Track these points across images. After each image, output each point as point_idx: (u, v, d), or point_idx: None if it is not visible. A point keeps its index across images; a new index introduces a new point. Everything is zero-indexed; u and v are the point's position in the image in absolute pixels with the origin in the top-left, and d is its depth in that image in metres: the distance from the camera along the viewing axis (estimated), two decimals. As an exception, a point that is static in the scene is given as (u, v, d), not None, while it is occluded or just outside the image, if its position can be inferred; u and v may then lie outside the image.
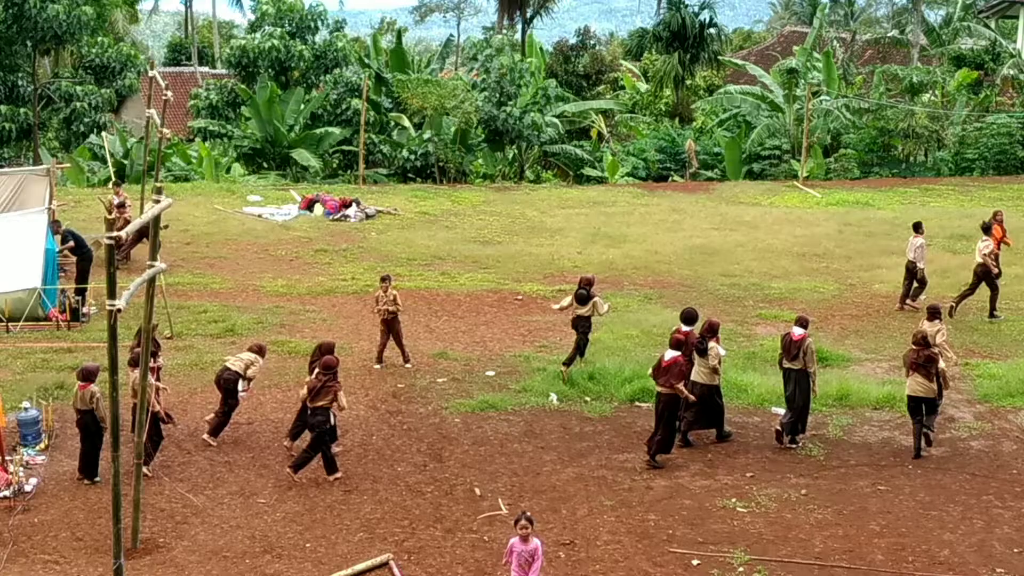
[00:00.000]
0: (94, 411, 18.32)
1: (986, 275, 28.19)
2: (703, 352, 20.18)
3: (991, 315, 28.14)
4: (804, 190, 46.22)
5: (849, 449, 20.23)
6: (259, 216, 39.50)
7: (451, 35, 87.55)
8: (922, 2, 68.55)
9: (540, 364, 24.23)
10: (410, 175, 50.45)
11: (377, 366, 24.14)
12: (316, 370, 18.95)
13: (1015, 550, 16.65)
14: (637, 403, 22.18)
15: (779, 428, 20.42)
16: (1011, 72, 58.15)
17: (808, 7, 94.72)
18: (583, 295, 23.54)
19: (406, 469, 19.19)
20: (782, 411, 21.41)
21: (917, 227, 29.42)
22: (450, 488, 18.50)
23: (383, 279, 24.55)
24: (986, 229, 29.18)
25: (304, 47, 54.99)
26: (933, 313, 22.13)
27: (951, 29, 66.85)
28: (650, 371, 20.04)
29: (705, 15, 68.11)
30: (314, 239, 36.38)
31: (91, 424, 18.43)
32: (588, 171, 54.88)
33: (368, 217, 39.59)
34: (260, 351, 20.59)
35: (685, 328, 20.17)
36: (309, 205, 40.53)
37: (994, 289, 28.26)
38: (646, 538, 16.90)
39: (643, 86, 69.04)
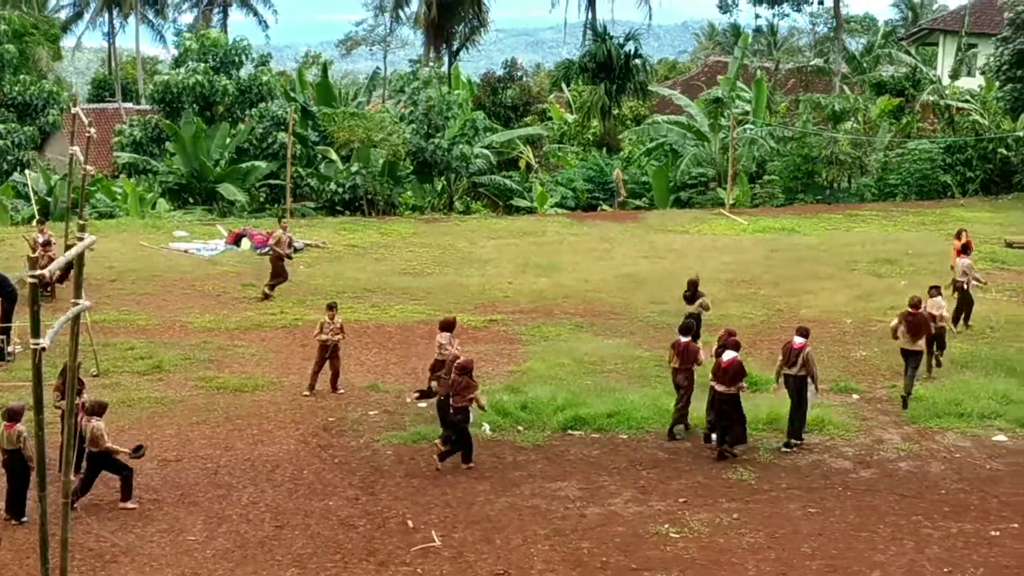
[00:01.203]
0: (21, 450, 18.07)
1: (962, 289, 29.21)
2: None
3: (954, 322, 28.49)
4: (731, 217, 46.59)
5: (780, 472, 20.35)
6: (185, 251, 39.19)
7: (378, 68, 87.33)
8: (843, 31, 69.56)
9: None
10: (338, 208, 50.27)
11: (307, 393, 24.04)
12: (452, 373, 20.51)
13: (945, 570, 16.80)
14: (570, 431, 22.19)
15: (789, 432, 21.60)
16: (931, 98, 58.99)
17: (731, 37, 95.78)
18: (689, 296, 26.69)
19: (338, 503, 19.06)
20: (714, 436, 21.58)
21: (966, 249, 30.18)
22: (383, 521, 18.40)
23: (329, 306, 24.60)
24: (965, 248, 30.30)
25: (228, 82, 54.76)
26: (936, 290, 25.71)
27: (872, 57, 67.92)
28: (710, 376, 21.28)
29: (630, 46, 68.59)
30: (242, 273, 36.13)
31: (17, 464, 18.18)
32: (517, 201, 54.97)
33: (296, 251, 39.33)
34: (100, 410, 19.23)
35: (684, 339, 22.06)
36: (236, 240, 40.27)
37: (968, 304, 29.36)
38: (580, 566, 16.89)
39: (571, 116, 69.41)
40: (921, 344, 24.19)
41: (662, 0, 77.39)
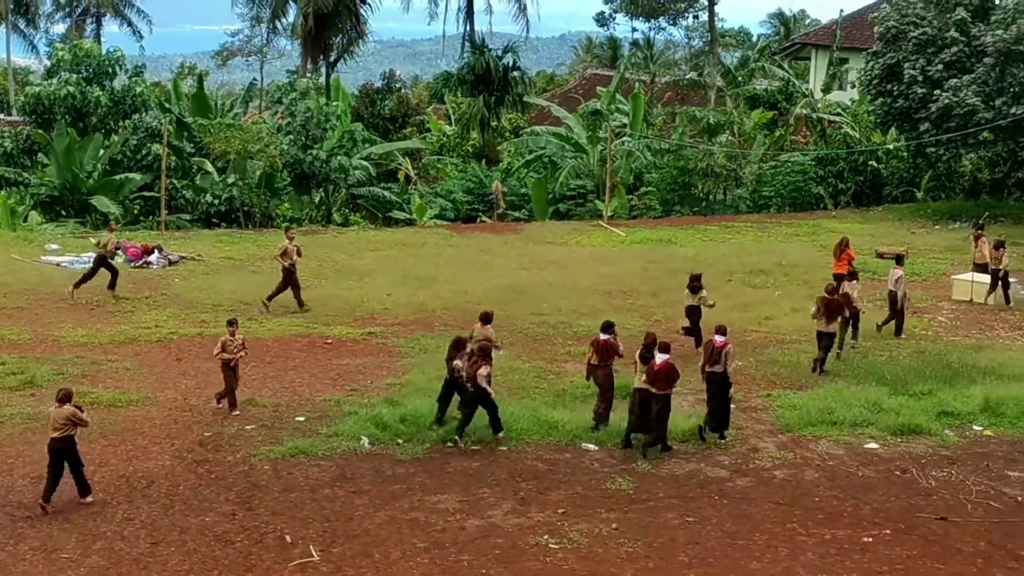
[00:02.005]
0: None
1: (893, 300, 30.35)
2: (647, 360, 21.80)
3: (897, 334, 30.34)
4: (609, 229, 46.90)
5: (658, 482, 20.51)
6: (58, 265, 38.45)
7: (254, 79, 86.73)
8: (718, 45, 70.52)
9: (351, 408, 24.01)
10: (214, 220, 49.72)
11: (236, 412, 23.75)
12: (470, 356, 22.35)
13: None
14: (450, 444, 22.14)
15: (701, 426, 22.53)
16: (804, 111, 60.04)
17: (609, 51, 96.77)
18: (694, 287, 28.82)
19: (215, 519, 18.81)
20: (593, 447, 21.77)
21: (899, 260, 31.53)
22: (260, 537, 18.20)
23: (229, 323, 24.36)
24: (899, 260, 31.53)
25: (102, 93, 53.91)
26: (853, 275, 29.39)
27: (747, 70, 68.88)
28: (644, 379, 21.78)
29: (509, 58, 68.80)
30: (116, 287, 35.50)
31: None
32: (396, 213, 54.83)
33: (171, 264, 38.87)
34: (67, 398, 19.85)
35: (604, 336, 22.91)
36: (111, 253, 39.58)
37: (899, 314, 30.50)
38: (460, 579, 16.87)
39: (450, 128, 69.45)
40: (834, 327, 27.06)
41: (540, 13, 77.95)
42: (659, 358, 21.70)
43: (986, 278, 34.67)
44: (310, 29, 69.02)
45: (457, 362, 22.77)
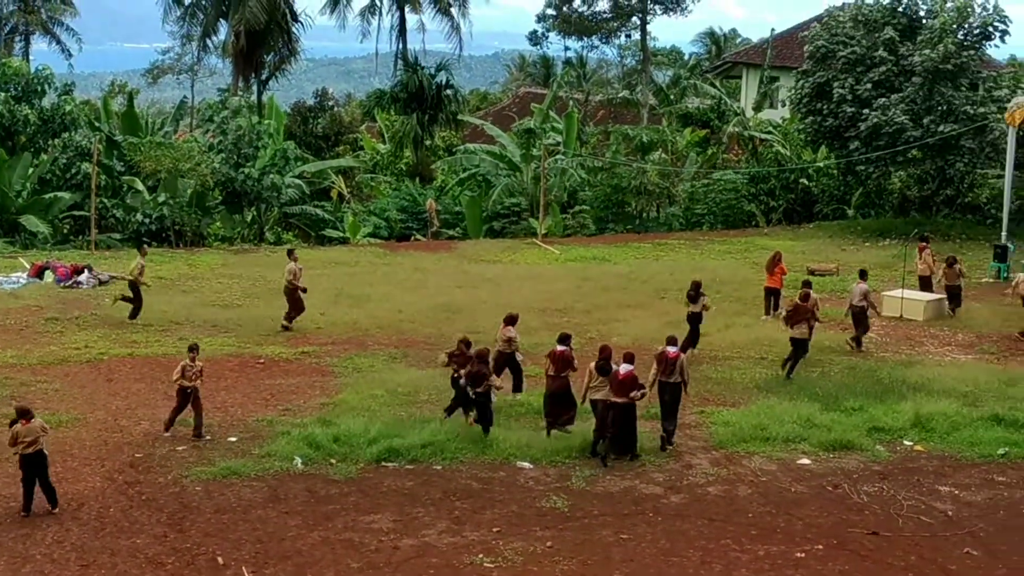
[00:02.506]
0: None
1: (856, 315, 31.11)
2: (605, 372, 22.30)
3: (856, 345, 31.10)
4: (543, 247, 46.99)
5: (592, 500, 20.51)
6: (-14, 285, 37.95)
7: (185, 97, 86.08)
8: (650, 63, 70.96)
9: (284, 428, 23.83)
10: (145, 239, 49.27)
11: (166, 433, 23.43)
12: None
13: (753, 591, 17.13)
14: (384, 463, 22.04)
15: (664, 435, 23.03)
16: (736, 130, 60.54)
17: (542, 69, 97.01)
18: (693, 295, 29.99)
19: (146, 540, 18.60)
20: (528, 465, 21.76)
21: (863, 274, 31.96)
22: (192, 558, 18.01)
23: (190, 348, 24.03)
24: (862, 274, 32.02)
25: (31, 111, 53.28)
26: (807, 284, 30.14)
27: (679, 89, 69.43)
28: (609, 388, 22.26)
29: (442, 76, 68.85)
30: (45, 307, 35.07)
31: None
32: (329, 232, 54.64)
33: (101, 283, 38.44)
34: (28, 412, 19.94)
35: (560, 347, 23.59)
36: (39, 272, 39.11)
37: (863, 327, 31.31)
38: (394, 599, 16.77)
39: (383, 146, 69.32)
40: (801, 331, 28.35)
41: (473, 31, 77.57)
42: (624, 368, 22.22)
43: (918, 295, 35.08)
44: (241, 47, 68.68)
45: (442, 356, 24.72)
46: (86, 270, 38.80)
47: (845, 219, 54.49)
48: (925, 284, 36.21)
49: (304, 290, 32.69)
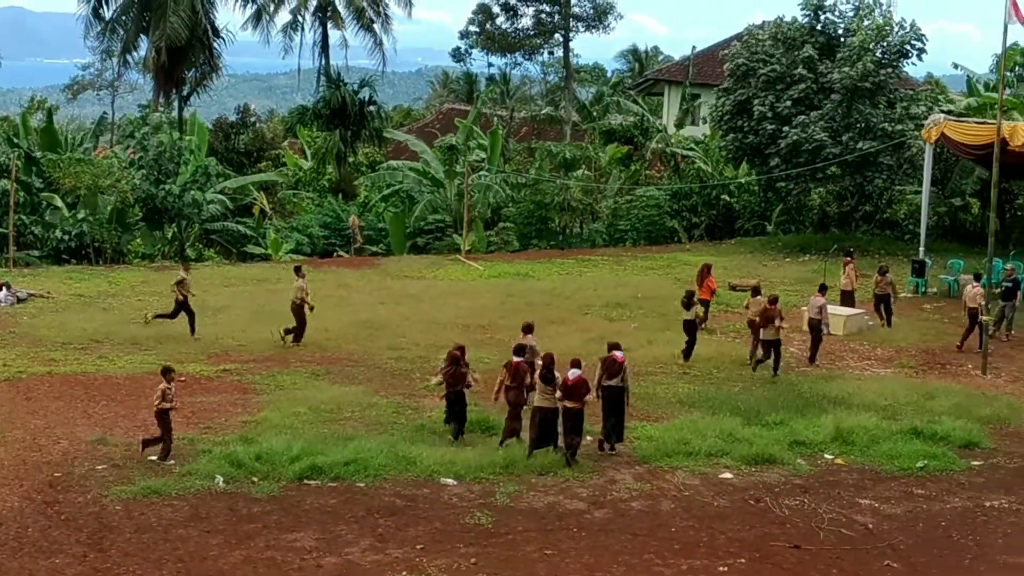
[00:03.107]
0: None
1: (814, 328, 31.98)
2: (549, 380, 22.92)
3: (811, 360, 31.85)
4: (467, 263, 46.99)
5: (517, 516, 20.49)
6: (-100, 303, 37.28)
7: (105, 113, 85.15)
8: (574, 80, 71.25)
9: (205, 446, 23.60)
10: (64, 256, 48.68)
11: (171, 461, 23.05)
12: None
13: (677, 606, 17.18)
14: (306, 481, 21.87)
15: (601, 438, 23.82)
16: (659, 146, 60.93)
17: (465, 85, 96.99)
18: (686, 303, 31.19)
19: (65, 561, 18.32)
20: (452, 481, 21.71)
21: (822, 288, 32.97)
22: (112, 579, 17.78)
23: (169, 371, 23.65)
24: (822, 288, 33.00)
25: (-53, 128, 52.62)
26: (756, 291, 32.52)
27: (602, 106, 69.70)
28: (558, 394, 22.86)
29: (365, 92, 68.68)
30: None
31: None
32: (251, 248, 54.31)
33: (20, 301, 37.92)
34: None
35: (516, 359, 24.04)
36: (-45, 290, 38.53)
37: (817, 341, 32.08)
38: (317, 618, 16.64)
39: (306, 163, 69.01)
40: (771, 332, 30.10)
41: (396, 48, 77.44)
42: (572, 373, 22.84)
43: (839, 310, 35.46)
44: (163, 63, 68.05)
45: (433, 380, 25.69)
46: (4, 288, 38.23)
47: (766, 235, 55.03)
48: (847, 299, 36.65)
49: (311, 307, 32.84)
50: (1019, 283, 36.15)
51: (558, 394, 22.89)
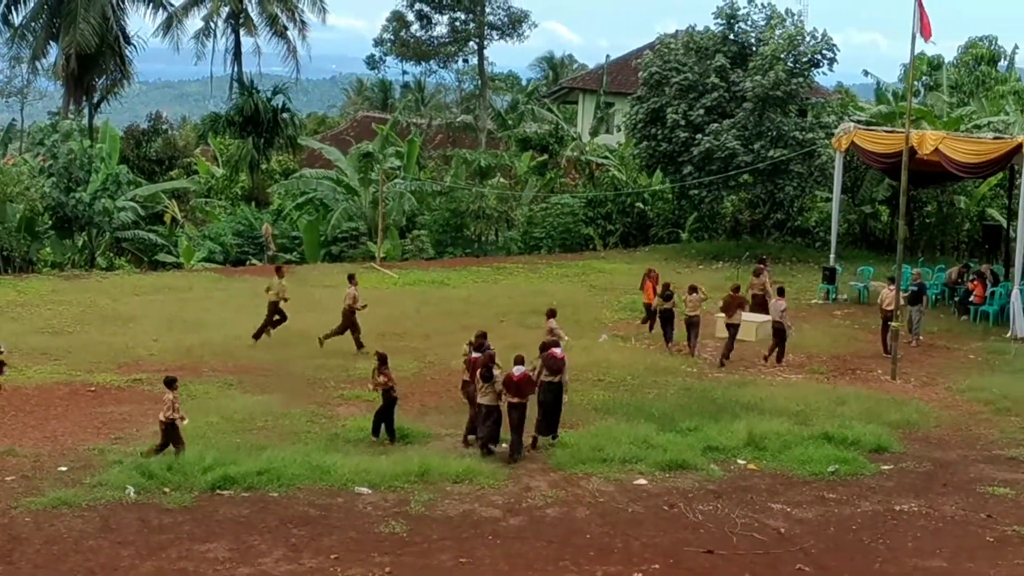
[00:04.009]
0: None
1: (778, 331, 32.62)
2: (488, 378, 23.56)
3: (778, 359, 32.84)
4: (382, 271, 46.83)
5: (432, 524, 20.42)
6: None
7: (14, 120, 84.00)
8: (488, 88, 71.33)
9: (116, 456, 23.30)
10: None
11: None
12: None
13: (591, 612, 17.20)
14: (219, 491, 21.65)
15: (534, 435, 24.58)
16: (574, 154, 61.16)
17: (380, 93, 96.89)
18: (668, 295, 33.57)
19: (-29, 576, 18.03)
20: (366, 490, 21.59)
21: (780, 292, 33.88)
22: (20, 592, 17.50)
23: (171, 382, 23.37)
24: (780, 291, 34.04)
25: None
26: (693, 289, 33.57)
27: (517, 114, 69.87)
28: (502, 388, 23.66)
29: (278, 100, 68.28)
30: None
31: None
32: (163, 257, 53.78)
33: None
34: None
35: (475, 354, 24.51)
36: None
37: (783, 342, 32.89)
38: (230, 629, 16.48)
39: (218, 170, 68.46)
40: (737, 318, 32.76)
41: (310, 55, 77.13)
42: (517, 370, 23.70)
43: (752, 316, 35.73)
44: (72, 70, 67.30)
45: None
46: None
47: (679, 242, 55.44)
48: (761, 306, 36.99)
49: (364, 306, 33.40)
50: (925, 287, 36.74)
51: (499, 388, 23.62)
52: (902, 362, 32.28)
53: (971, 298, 39.62)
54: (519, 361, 24.01)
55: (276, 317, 33.89)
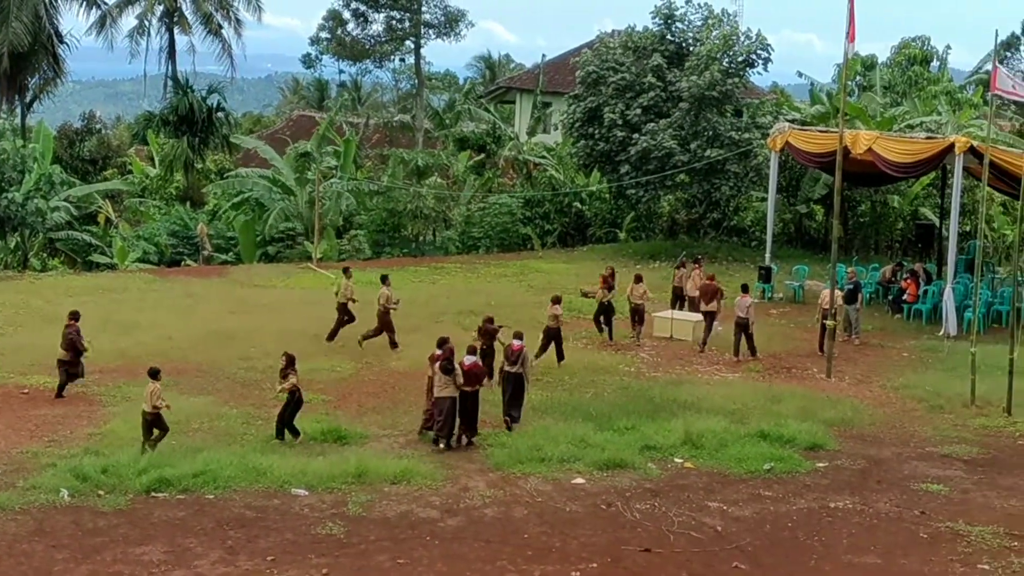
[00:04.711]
0: None
1: (743, 327, 33.27)
2: (449, 371, 24.35)
3: (751, 353, 33.62)
4: (319, 271, 46.62)
5: (369, 525, 20.35)
6: None
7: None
8: (425, 87, 71.17)
9: (49, 459, 23.05)
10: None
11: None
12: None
13: (530, 611, 17.20)
14: (154, 494, 21.47)
15: (507, 419, 26.00)
16: (511, 154, 61.16)
17: (316, 92, 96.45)
18: (611, 286, 34.92)
19: None
20: (303, 492, 21.48)
21: (744, 288, 34.56)
22: (-51, 599, 17.26)
23: (155, 373, 24.05)
24: (744, 288, 34.48)
25: None
26: (638, 278, 35.29)
27: (454, 113, 69.72)
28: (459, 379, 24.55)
29: (213, 99, 67.82)
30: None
31: None
32: (97, 257, 53.27)
33: None
34: None
35: (438, 351, 24.94)
36: None
37: (750, 337, 33.59)
38: (166, 633, 16.34)
39: (153, 170, 67.88)
40: (713, 306, 34.16)
41: (246, 54, 76.71)
42: (467, 360, 24.90)
43: (688, 316, 35.97)
44: (5, 69, 66.51)
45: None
46: None
47: (617, 242, 55.61)
48: (694, 304, 37.21)
49: (397, 303, 33.81)
50: (860, 286, 37.08)
51: (460, 382, 24.56)
52: (837, 360, 32.56)
53: (904, 296, 40.03)
54: (471, 352, 25.29)
55: (345, 318, 34.18)
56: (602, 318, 35.20)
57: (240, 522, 20.37)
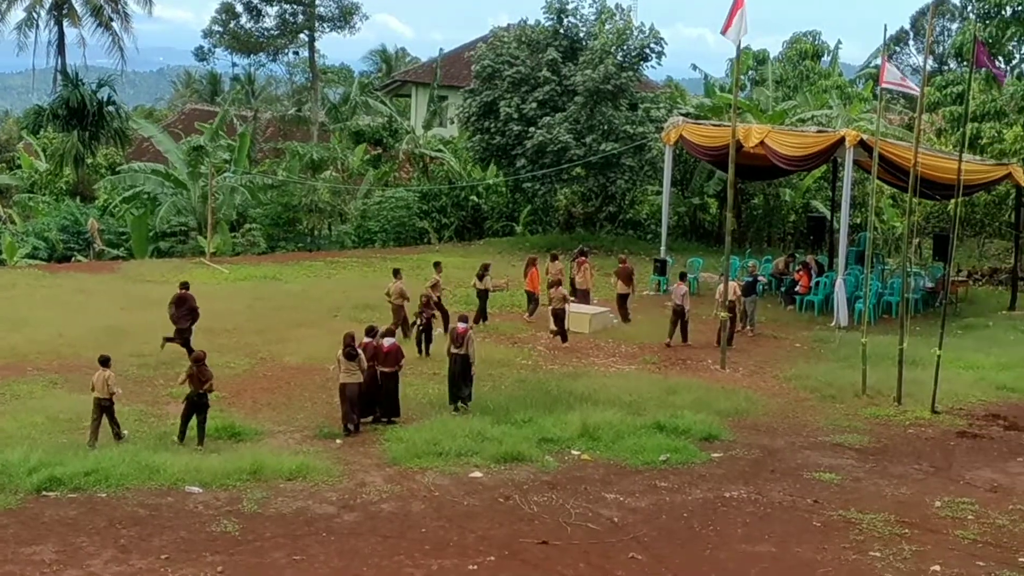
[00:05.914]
0: None
1: (680, 314, 34.40)
2: (352, 357, 24.98)
3: (684, 340, 34.84)
4: (212, 266, 46.13)
5: (265, 522, 20.16)
6: None
7: None
8: (320, 81, 70.76)
9: (-65, 460, 22.56)
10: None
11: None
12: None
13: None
14: (45, 493, 21.08)
15: (457, 403, 26.94)
16: (408, 147, 61.01)
17: (209, 85, 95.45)
18: (481, 275, 36.19)
19: None
20: (197, 490, 21.22)
21: (682, 276, 36.83)
22: None
23: (105, 361, 24.35)
24: (682, 276, 36.38)
25: None
26: (582, 252, 38.96)
27: (349, 106, 69.41)
28: (372, 361, 25.65)
29: (104, 92, 66.82)
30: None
31: None
32: (-15, 253, 52.21)
33: None
34: None
35: (367, 339, 26.00)
36: None
37: (684, 324, 34.83)
38: (56, 635, 16.05)
39: (42, 165, 66.69)
40: (631, 288, 36.97)
41: (137, 47, 75.80)
42: (387, 342, 26.02)
43: (585, 308, 36.12)
44: None
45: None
46: None
47: (514, 235, 55.71)
48: (584, 297, 37.50)
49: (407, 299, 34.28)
50: (758, 279, 37.51)
51: (364, 366, 25.27)
52: (731, 351, 32.89)
53: (797, 288, 40.56)
54: (389, 334, 26.54)
55: (404, 317, 34.27)
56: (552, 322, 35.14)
57: (133, 520, 20.07)
